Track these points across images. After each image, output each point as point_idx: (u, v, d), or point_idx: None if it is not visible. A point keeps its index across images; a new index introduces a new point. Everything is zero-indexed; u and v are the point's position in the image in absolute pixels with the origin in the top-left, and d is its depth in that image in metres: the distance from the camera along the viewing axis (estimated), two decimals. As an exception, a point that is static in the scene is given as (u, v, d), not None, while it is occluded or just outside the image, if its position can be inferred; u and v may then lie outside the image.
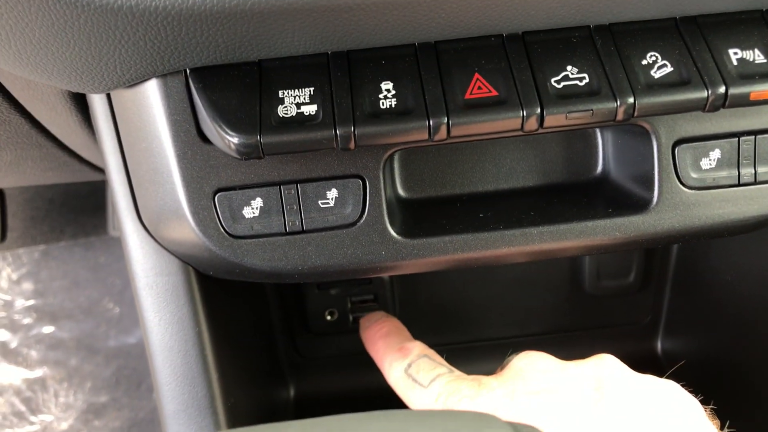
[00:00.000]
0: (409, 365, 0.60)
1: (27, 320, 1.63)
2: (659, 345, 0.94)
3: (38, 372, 1.58)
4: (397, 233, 0.57)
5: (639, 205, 0.58)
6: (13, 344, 1.61)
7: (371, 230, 0.57)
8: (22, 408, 1.54)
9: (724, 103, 0.52)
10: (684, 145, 0.57)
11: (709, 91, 0.51)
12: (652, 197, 0.58)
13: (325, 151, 0.55)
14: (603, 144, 0.64)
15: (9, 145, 0.76)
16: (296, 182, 0.56)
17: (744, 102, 0.52)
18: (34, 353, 1.60)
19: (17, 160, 0.83)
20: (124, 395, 1.53)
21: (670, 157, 0.57)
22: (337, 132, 0.50)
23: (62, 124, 0.69)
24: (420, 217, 0.60)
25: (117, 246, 1.69)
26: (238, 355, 0.70)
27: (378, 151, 0.56)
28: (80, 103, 0.64)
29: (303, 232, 0.56)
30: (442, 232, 0.57)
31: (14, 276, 1.66)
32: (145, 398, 1.53)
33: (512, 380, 0.54)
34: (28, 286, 1.66)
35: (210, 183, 0.55)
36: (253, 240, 0.56)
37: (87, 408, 1.53)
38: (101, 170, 0.97)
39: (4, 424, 1.53)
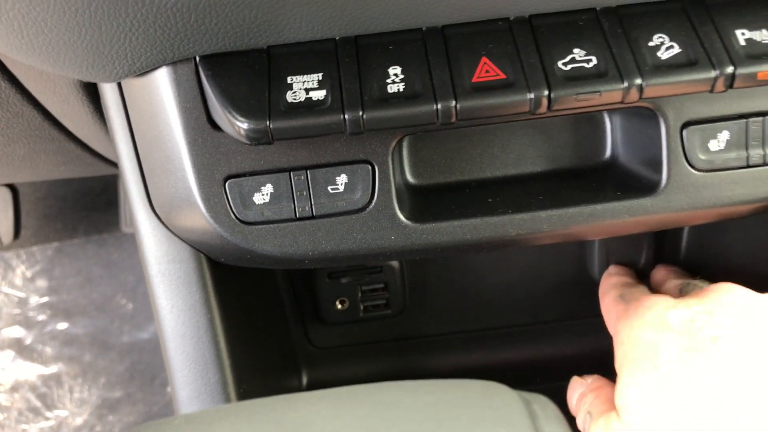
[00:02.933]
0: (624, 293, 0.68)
1: (41, 317, 1.64)
2: (670, 332, 0.94)
3: (53, 368, 1.60)
4: (407, 218, 0.57)
5: (648, 187, 0.58)
6: (28, 341, 1.62)
7: (381, 215, 0.57)
8: (38, 404, 1.56)
9: (731, 83, 0.52)
10: (692, 127, 0.57)
11: (717, 72, 0.51)
12: (660, 179, 0.58)
13: (334, 137, 0.56)
14: (611, 128, 0.64)
15: (22, 138, 0.77)
16: (306, 168, 0.56)
17: (752, 82, 0.51)
18: (48, 349, 1.61)
19: (30, 154, 0.83)
20: (139, 390, 1.54)
21: (679, 139, 0.57)
22: (346, 117, 0.50)
23: (74, 115, 0.70)
24: (429, 202, 0.60)
25: (129, 242, 1.70)
26: (251, 343, 0.70)
27: (387, 136, 0.56)
28: (92, 93, 0.65)
29: (313, 217, 0.57)
30: (452, 216, 0.58)
31: (28, 273, 1.68)
32: (159, 393, 1.54)
33: (713, 302, 0.57)
34: (42, 283, 1.67)
35: (221, 170, 0.56)
36: (264, 226, 0.57)
37: (101, 403, 1.54)
38: (113, 163, 0.98)
39: (20, 419, 1.54)
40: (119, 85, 0.59)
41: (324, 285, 0.86)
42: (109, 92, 0.60)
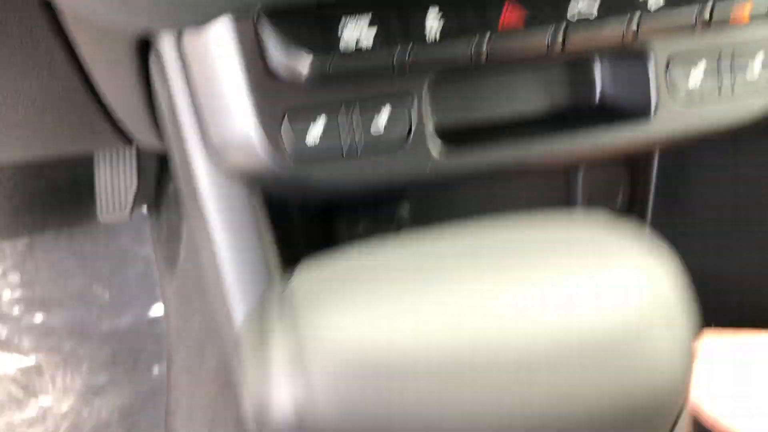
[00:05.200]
0: None
1: (16, 311, 1.65)
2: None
3: (32, 359, 1.60)
4: (440, 151, 0.66)
5: (638, 115, 0.69)
6: (3, 335, 1.63)
7: (418, 148, 0.65)
8: (20, 394, 1.57)
9: (710, 21, 0.63)
10: (676, 61, 0.67)
11: (696, 12, 0.62)
12: (649, 109, 0.68)
13: (378, 78, 0.64)
14: (601, 69, 0.74)
15: (37, 66, 0.78)
16: (353, 105, 0.64)
17: (726, 18, 0.63)
18: (26, 342, 1.62)
19: (35, 99, 0.83)
20: (123, 374, 1.57)
21: (664, 73, 0.67)
22: (394, 57, 0.59)
23: (117, 80, 0.76)
24: (458, 136, 0.69)
25: (102, 234, 1.72)
26: None
27: (423, 75, 0.64)
28: (143, 54, 0.71)
29: (359, 151, 0.65)
30: (479, 147, 0.67)
31: (-1, 269, 1.68)
32: (144, 375, 1.57)
33: None
34: (14, 278, 1.68)
35: (277, 110, 0.63)
36: (317, 161, 0.64)
37: (86, 389, 1.57)
38: (126, 138, 1.02)
39: (3, 410, 1.55)
40: (176, 36, 0.65)
41: (343, 232, 0.93)
42: (165, 42, 0.66)
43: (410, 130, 0.65)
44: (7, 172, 1.62)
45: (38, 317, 1.65)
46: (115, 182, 1.59)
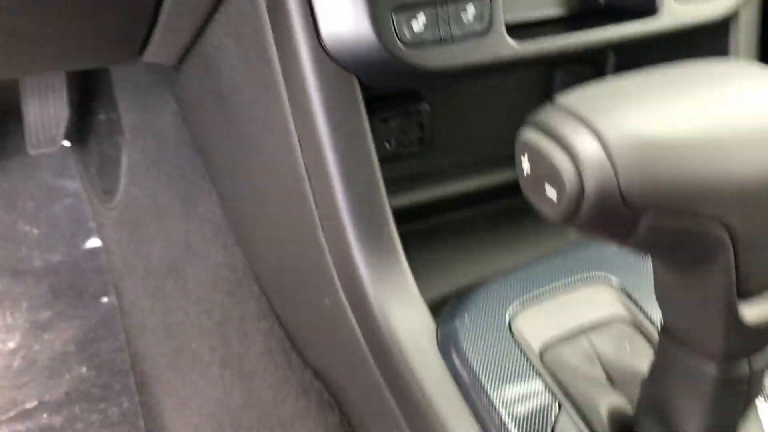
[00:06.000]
0: None
1: (-65, 254, 1.56)
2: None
3: (-37, 301, 1.53)
4: (514, 37, 0.79)
5: (648, 13, 0.86)
6: (-75, 279, 1.54)
7: (497, 35, 0.78)
8: (-42, 336, 1.50)
9: None
10: None
11: None
12: (655, 9, 0.86)
13: None
14: None
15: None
16: (447, 2, 0.76)
17: None
18: (-48, 285, 1.54)
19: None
20: (68, 308, 1.55)
21: None
22: None
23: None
24: (524, 28, 0.83)
25: (20, 170, 1.66)
26: None
27: None
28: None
29: (452, 39, 0.76)
30: (542, 34, 0.81)
31: None
32: (92, 306, 1.56)
33: None
34: (-73, 220, 1.58)
35: (388, 4, 0.73)
36: (419, 46, 0.76)
37: (31, 326, 1.53)
38: (143, 47, 1.02)
39: (-57, 355, 1.48)
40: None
41: (379, 127, 1.03)
42: None
43: (491, 20, 0.78)
44: None
45: (-38, 259, 1.57)
46: (45, 114, 1.54)
